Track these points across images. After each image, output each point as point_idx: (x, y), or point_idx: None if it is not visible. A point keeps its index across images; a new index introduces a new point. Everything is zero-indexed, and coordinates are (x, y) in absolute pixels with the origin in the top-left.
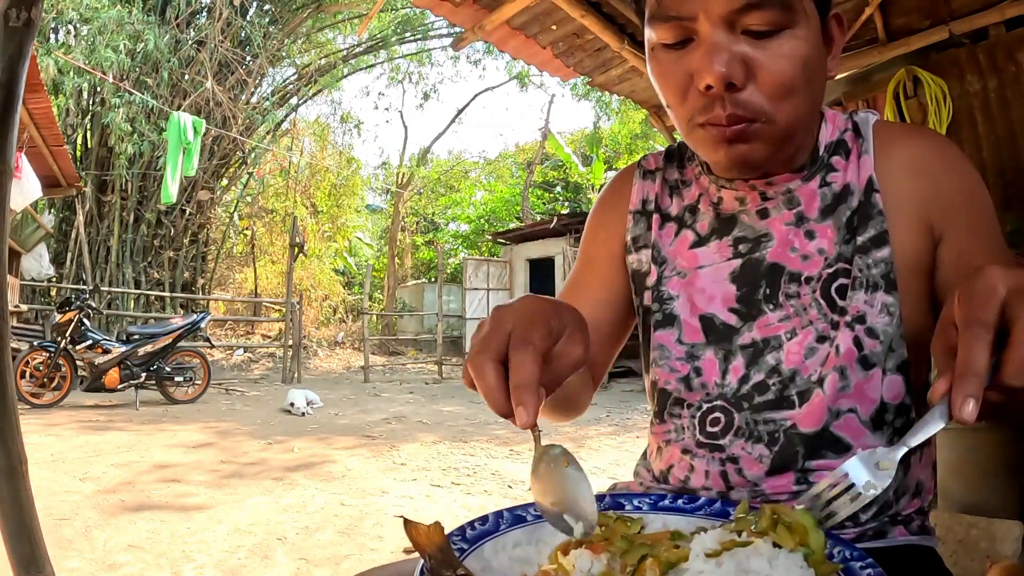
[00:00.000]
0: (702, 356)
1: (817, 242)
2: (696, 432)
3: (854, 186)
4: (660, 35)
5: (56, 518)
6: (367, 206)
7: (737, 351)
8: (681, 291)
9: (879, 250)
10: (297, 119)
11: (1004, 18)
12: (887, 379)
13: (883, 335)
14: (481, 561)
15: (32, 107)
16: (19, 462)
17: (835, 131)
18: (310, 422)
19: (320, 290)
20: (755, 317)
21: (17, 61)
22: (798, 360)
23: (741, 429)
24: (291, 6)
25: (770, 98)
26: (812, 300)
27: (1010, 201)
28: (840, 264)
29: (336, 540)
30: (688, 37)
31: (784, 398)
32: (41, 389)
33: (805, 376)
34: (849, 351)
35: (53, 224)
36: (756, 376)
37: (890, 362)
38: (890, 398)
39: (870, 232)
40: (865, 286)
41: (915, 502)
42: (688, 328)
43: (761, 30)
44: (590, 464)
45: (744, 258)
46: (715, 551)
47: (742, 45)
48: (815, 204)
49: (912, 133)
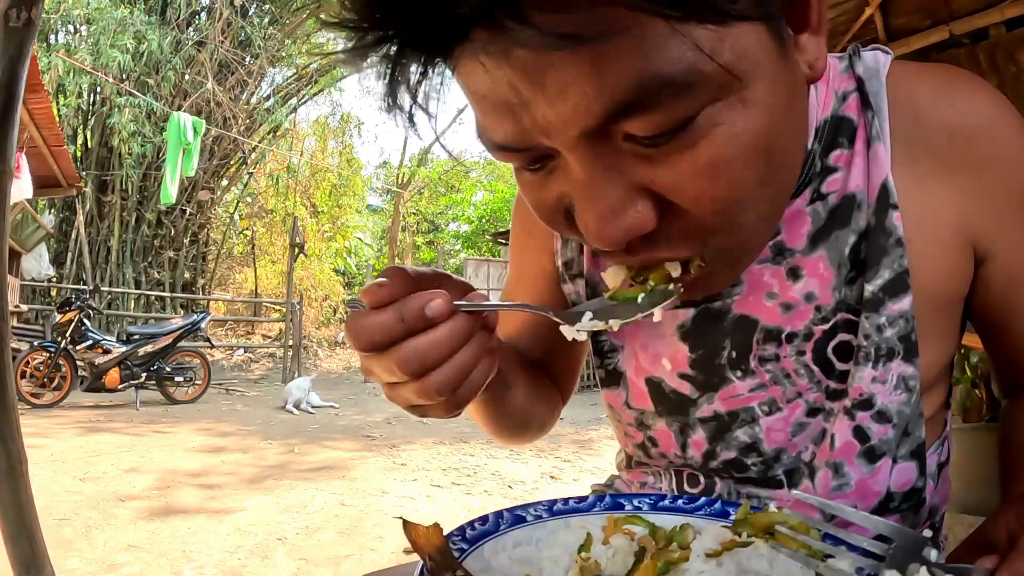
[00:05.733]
0: (653, 426)
1: (804, 284)
2: (674, 487)
3: (861, 196)
4: (513, 159)
5: (56, 518)
6: (367, 206)
7: (696, 424)
8: (626, 341)
9: (896, 301)
10: (297, 119)
11: (1004, 18)
12: (897, 467)
13: (897, 417)
14: (481, 561)
15: (32, 107)
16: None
17: (829, 98)
18: (310, 422)
19: (320, 290)
20: (716, 387)
21: (17, 61)
22: (783, 439)
23: (723, 496)
24: (291, 6)
25: (711, 223)
26: (799, 365)
27: None
28: (841, 315)
29: (336, 540)
30: (548, 155)
31: (770, 478)
32: (41, 389)
33: (793, 454)
34: (848, 445)
35: (53, 224)
36: (725, 453)
37: (903, 449)
38: (898, 487)
39: (884, 275)
40: (874, 357)
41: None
42: (635, 390)
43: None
44: (590, 464)
45: (700, 307)
46: (715, 551)
47: (636, 167)
48: (802, 229)
49: (946, 89)
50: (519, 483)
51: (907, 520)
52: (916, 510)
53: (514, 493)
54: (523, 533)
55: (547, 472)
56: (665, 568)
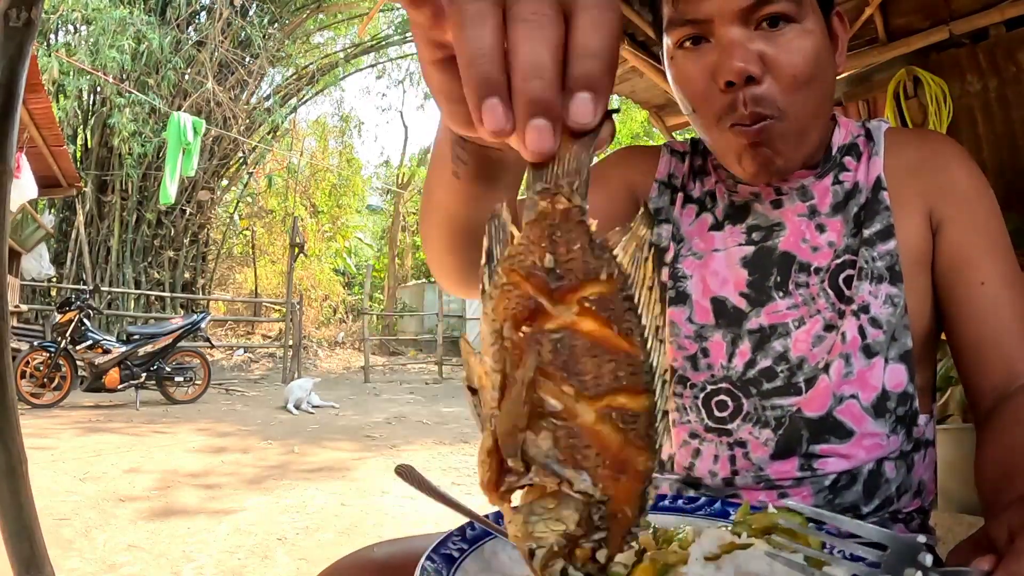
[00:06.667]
0: (710, 338)
1: (827, 235)
2: (704, 416)
3: (863, 185)
4: (677, 38)
5: (56, 518)
6: (367, 206)
7: (745, 335)
8: (695, 271)
9: (885, 243)
10: (297, 119)
11: (1004, 18)
12: (889, 368)
13: (886, 325)
14: (481, 561)
15: (32, 107)
16: (19, 462)
17: (848, 136)
18: (310, 422)
19: (320, 290)
20: (764, 303)
21: (17, 61)
22: (806, 348)
23: (749, 414)
24: (291, 7)
25: (785, 91)
26: (820, 290)
27: (1010, 201)
28: (847, 256)
29: (336, 540)
30: (705, 38)
31: (791, 385)
32: (41, 389)
33: (812, 364)
34: (854, 339)
35: (53, 224)
36: (763, 362)
37: (892, 351)
38: (892, 386)
39: (876, 226)
40: (871, 277)
41: (916, 501)
42: (699, 308)
43: (773, 22)
44: None
45: (757, 246)
46: (714, 554)
47: (757, 41)
48: (827, 200)
49: (923, 137)
50: None
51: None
52: (910, 425)
53: None
54: None
55: None
56: (664, 571)
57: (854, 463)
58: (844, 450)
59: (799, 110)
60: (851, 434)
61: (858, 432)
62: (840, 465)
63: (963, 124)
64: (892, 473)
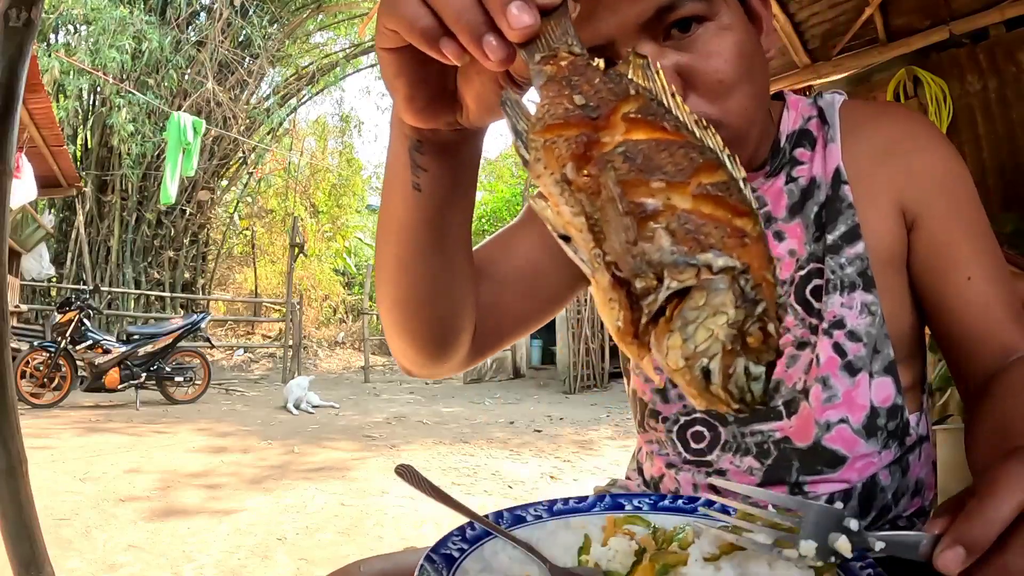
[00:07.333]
0: None
1: (787, 243)
2: (680, 449)
3: (820, 179)
4: None
5: (56, 518)
6: (367, 206)
7: None
8: None
9: (851, 246)
10: (297, 119)
11: (1004, 18)
12: (875, 383)
13: (866, 337)
14: (481, 561)
15: (32, 107)
16: (19, 462)
17: (798, 118)
18: (310, 422)
19: (320, 290)
20: None
21: (17, 61)
22: (780, 369)
23: (728, 443)
24: (291, 7)
25: (714, 101)
26: (787, 305)
27: (1010, 201)
28: (812, 264)
29: (336, 540)
30: (613, 60)
31: (771, 409)
32: (41, 389)
33: (789, 385)
34: (830, 360)
35: (53, 224)
36: None
37: (876, 364)
38: (880, 402)
39: (840, 228)
40: (840, 287)
41: (916, 501)
42: None
43: (684, 26)
44: (590, 464)
45: None
46: (714, 555)
47: (669, 55)
48: (782, 202)
49: (880, 113)
50: (519, 483)
51: (899, 457)
52: (902, 436)
53: (514, 493)
54: (523, 533)
55: (547, 472)
56: (664, 571)
57: (848, 485)
58: (837, 476)
59: (734, 116)
60: (843, 460)
61: (851, 457)
62: (833, 487)
63: (963, 124)
64: (887, 480)
